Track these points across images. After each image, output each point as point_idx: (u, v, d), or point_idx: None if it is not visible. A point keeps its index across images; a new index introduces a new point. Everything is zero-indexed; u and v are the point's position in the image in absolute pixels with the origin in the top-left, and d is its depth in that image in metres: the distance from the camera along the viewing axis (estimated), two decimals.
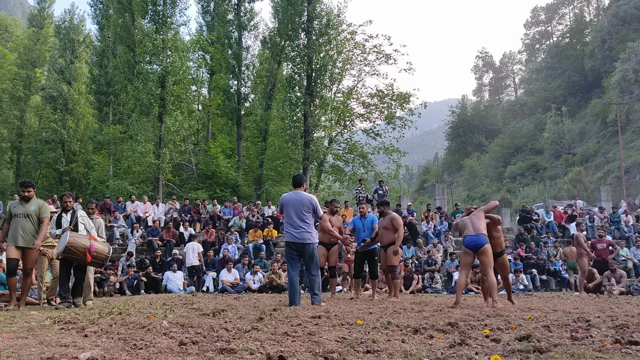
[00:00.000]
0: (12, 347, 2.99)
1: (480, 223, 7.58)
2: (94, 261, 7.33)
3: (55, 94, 32.53)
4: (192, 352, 2.94)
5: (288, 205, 7.12)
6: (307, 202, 7.07)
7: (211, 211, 17.52)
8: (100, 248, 7.39)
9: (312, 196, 7.29)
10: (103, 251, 7.43)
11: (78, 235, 7.30)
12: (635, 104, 49.88)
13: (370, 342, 3.40)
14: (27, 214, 7.21)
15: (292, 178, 7.60)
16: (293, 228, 7.05)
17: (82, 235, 7.41)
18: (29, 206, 7.25)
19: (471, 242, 7.46)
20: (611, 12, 62.32)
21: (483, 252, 7.36)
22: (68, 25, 35.12)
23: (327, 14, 24.23)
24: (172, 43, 22.57)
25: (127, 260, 13.58)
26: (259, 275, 13.68)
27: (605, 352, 3.07)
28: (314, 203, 7.15)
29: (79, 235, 7.34)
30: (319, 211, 7.24)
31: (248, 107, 28.62)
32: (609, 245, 14.31)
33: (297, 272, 7.18)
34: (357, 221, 9.57)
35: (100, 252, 7.37)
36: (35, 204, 7.31)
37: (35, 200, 7.36)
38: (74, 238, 7.16)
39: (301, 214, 7.03)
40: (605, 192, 23.07)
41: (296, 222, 7.02)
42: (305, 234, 7.04)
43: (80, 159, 32.49)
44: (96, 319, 4.55)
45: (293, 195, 7.16)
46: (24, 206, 7.25)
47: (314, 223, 7.28)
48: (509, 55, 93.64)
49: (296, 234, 7.02)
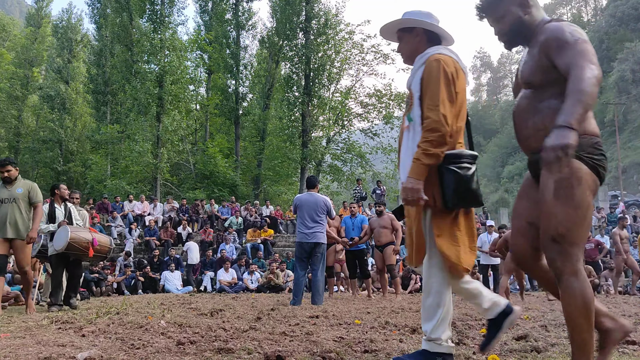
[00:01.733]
0: (9, 346, 2.98)
1: None
2: (96, 255, 6.82)
3: (52, 93, 32.49)
4: (189, 352, 2.94)
5: (302, 206, 7.30)
6: (321, 204, 7.30)
7: (209, 211, 17.51)
8: (103, 241, 6.92)
9: (326, 198, 7.48)
10: (106, 244, 6.97)
11: (78, 229, 6.73)
12: (633, 104, 50.00)
13: (368, 341, 3.40)
14: (13, 198, 6.10)
15: (306, 180, 7.86)
16: (306, 228, 7.23)
17: (81, 228, 6.89)
18: (14, 189, 6.15)
19: None
20: (609, 12, 62.48)
21: None
22: (66, 25, 35.11)
23: (325, 13, 24.23)
24: (170, 42, 22.55)
25: (125, 260, 13.57)
26: (256, 274, 13.69)
27: None
28: (328, 205, 7.38)
29: (78, 228, 6.79)
30: (332, 213, 7.48)
31: (246, 107, 28.61)
32: (597, 245, 14.35)
33: (304, 273, 7.39)
34: (347, 220, 9.70)
35: (104, 245, 6.90)
36: (23, 186, 6.23)
37: (21, 182, 6.28)
38: (76, 232, 6.55)
39: (315, 215, 7.24)
40: (602, 192, 23.11)
41: (309, 222, 7.21)
42: (319, 234, 7.26)
43: (78, 159, 32.46)
44: (94, 318, 4.55)
45: (308, 197, 7.35)
46: (9, 189, 6.14)
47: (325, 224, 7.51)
48: (507, 55, 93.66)
49: (309, 234, 7.20)
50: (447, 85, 2.50)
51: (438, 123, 2.44)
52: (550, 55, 2.17)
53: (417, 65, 2.64)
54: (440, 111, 2.45)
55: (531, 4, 2.37)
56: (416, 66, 2.64)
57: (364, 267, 9.54)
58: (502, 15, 2.40)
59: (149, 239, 15.11)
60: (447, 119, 2.45)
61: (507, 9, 2.37)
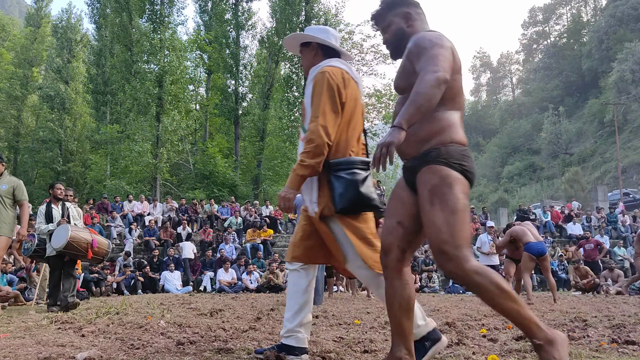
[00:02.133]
0: (9, 347, 2.98)
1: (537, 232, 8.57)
2: (94, 257, 6.57)
3: (52, 93, 32.48)
4: (189, 352, 2.94)
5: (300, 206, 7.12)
6: None
7: (208, 211, 17.51)
8: (102, 242, 6.71)
9: None
10: (104, 246, 6.73)
11: (78, 229, 6.49)
12: (633, 104, 50.01)
13: (367, 341, 3.40)
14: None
15: None
16: None
17: (81, 228, 6.66)
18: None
19: (537, 248, 8.25)
20: (608, 12, 62.41)
21: (545, 258, 8.34)
22: (65, 25, 35.09)
23: (324, 13, 24.25)
24: (170, 42, 22.55)
25: (125, 260, 13.56)
26: (255, 274, 13.69)
27: (602, 352, 3.08)
28: None
29: (78, 228, 6.56)
30: None
31: (246, 107, 28.63)
32: (597, 245, 14.36)
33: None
34: None
35: (102, 247, 6.67)
36: (8, 183, 5.93)
37: (7, 178, 5.98)
38: (76, 232, 6.31)
39: None
40: (602, 192, 23.13)
41: None
42: None
43: (78, 159, 32.44)
44: (93, 318, 4.55)
45: None
46: None
47: None
48: (507, 55, 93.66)
49: None
50: (331, 96, 2.60)
51: (315, 134, 2.54)
52: (412, 61, 2.28)
53: (309, 79, 2.75)
54: (319, 123, 2.55)
55: (415, 17, 2.49)
56: (309, 79, 2.75)
57: None
58: (387, 25, 2.53)
59: (148, 239, 15.10)
60: (327, 130, 2.55)
61: (392, 20, 2.51)
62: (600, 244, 14.50)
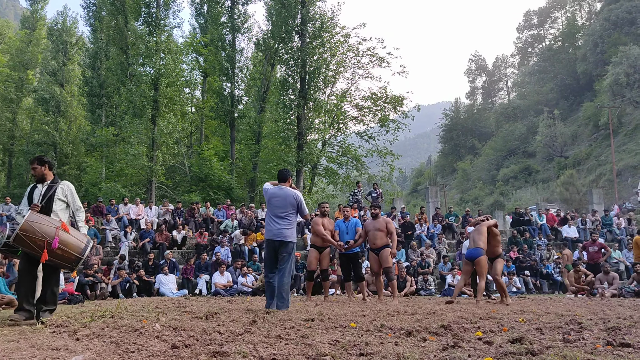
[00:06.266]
0: (3, 350, 2.97)
1: (480, 238, 8.89)
2: (53, 260, 4.88)
3: (47, 96, 32.39)
4: (184, 356, 2.93)
5: (271, 200, 6.69)
6: (291, 199, 6.62)
7: (204, 214, 17.47)
8: (72, 245, 4.95)
9: (297, 192, 6.82)
10: (74, 250, 4.96)
11: (42, 219, 4.95)
12: (627, 107, 50.29)
13: (363, 344, 3.40)
14: None
15: (277, 172, 7.11)
16: (274, 224, 6.59)
17: (51, 220, 5.03)
18: None
19: (468, 254, 8.92)
20: (603, 15, 62.78)
21: (478, 263, 8.75)
22: (60, 27, 35.05)
23: (320, 17, 24.24)
24: (166, 45, 22.51)
25: (120, 263, 13.51)
26: (250, 277, 13.67)
27: (597, 355, 3.08)
28: (298, 199, 6.67)
29: (43, 218, 4.98)
30: (303, 209, 6.74)
31: (241, 110, 28.62)
32: (601, 247, 14.39)
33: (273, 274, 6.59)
34: (341, 224, 9.63)
35: (70, 252, 4.93)
36: None
37: None
38: (35, 223, 4.84)
39: (284, 210, 6.60)
40: (597, 195, 23.21)
41: (278, 218, 6.59)
42: (286, 231, 6.56)
43: (73, 162, 32.35)
44: (88, 322, 4.53)
45: (277, 190, 6.72)
46: None
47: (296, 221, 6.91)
48: (502, 58, 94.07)
49: (276, 230, 6.55)
50: None
51: None
52: None
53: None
54: None
55: None
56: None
57: (358, 270, 9.54)
58: None
59: (144, 242, 15.05)
60: None
61: None
62: (605, 247, 14.51)
